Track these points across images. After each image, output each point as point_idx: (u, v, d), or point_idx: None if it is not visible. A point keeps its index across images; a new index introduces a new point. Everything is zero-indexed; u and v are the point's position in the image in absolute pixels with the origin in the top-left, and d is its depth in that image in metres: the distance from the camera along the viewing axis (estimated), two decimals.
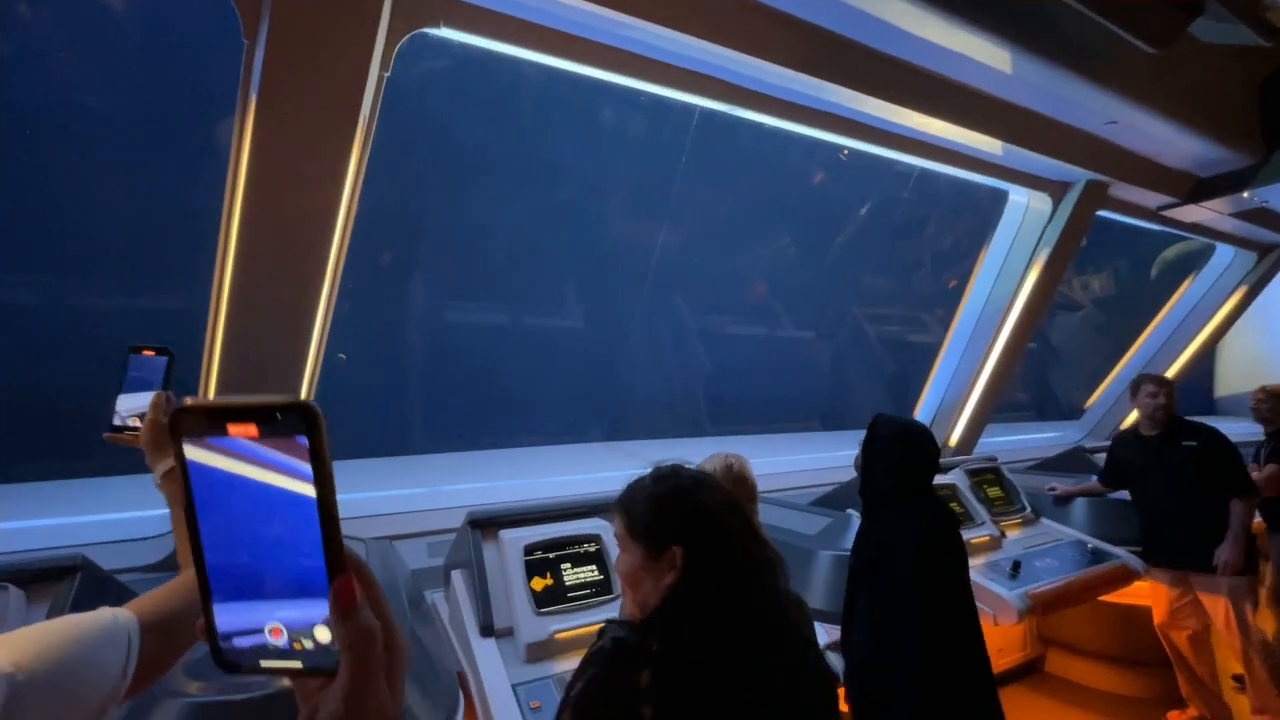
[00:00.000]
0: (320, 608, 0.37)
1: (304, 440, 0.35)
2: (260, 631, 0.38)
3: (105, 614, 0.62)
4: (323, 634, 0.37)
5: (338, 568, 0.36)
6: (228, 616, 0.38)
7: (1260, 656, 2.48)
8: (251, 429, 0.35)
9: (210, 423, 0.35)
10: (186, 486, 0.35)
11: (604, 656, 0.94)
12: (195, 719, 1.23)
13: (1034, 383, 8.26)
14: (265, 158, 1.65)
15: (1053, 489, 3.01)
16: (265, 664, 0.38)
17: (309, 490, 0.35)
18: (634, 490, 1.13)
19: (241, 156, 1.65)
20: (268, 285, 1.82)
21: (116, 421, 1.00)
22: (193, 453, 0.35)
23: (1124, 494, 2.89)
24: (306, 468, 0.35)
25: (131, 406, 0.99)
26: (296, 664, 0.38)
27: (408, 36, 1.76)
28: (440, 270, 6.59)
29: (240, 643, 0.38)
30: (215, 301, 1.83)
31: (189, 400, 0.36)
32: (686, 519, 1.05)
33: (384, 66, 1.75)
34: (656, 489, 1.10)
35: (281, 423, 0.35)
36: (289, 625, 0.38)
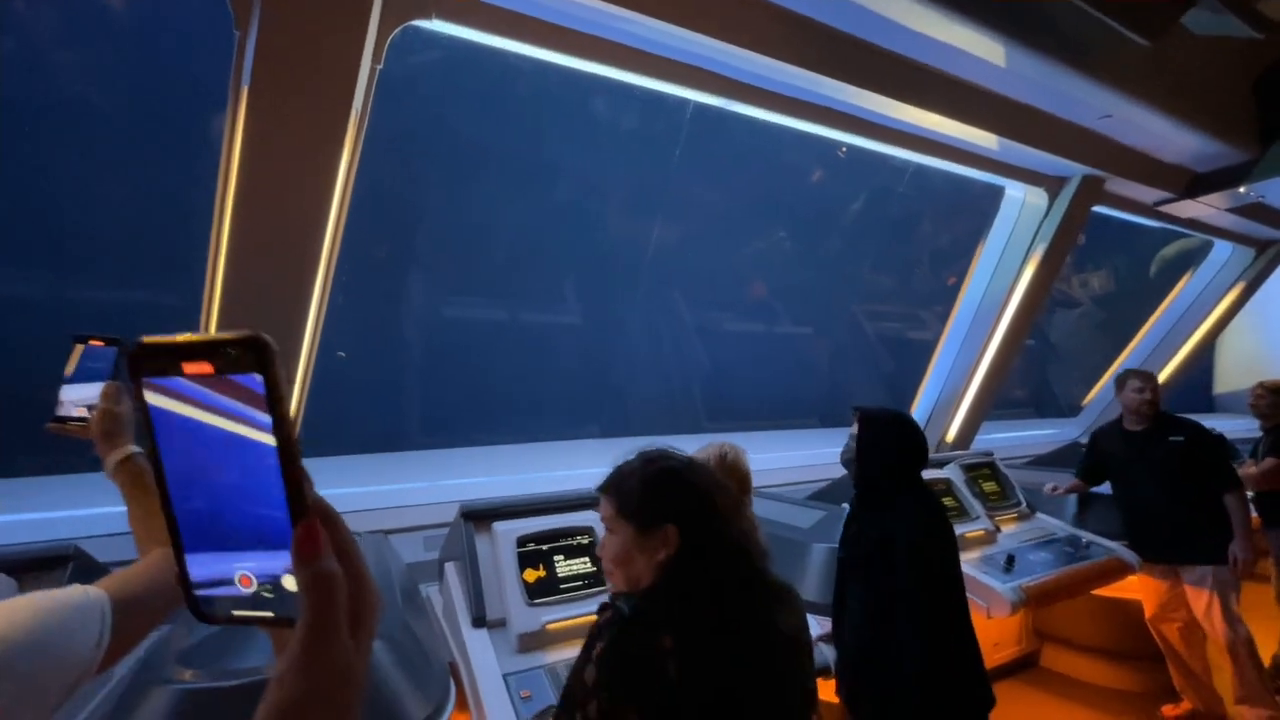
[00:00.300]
0: (288, 556, 0.36)
1: (259, 379, 0.34)
2: (230, 581, 0.37)
3: (76, 590, 0.63)
4: (290, 582, 0.36)
5: (300, 512, 0.35)
6: (199, 567, 0.37)
7: (1245, 649, 2.50)
8: (206, 366, 0.34)
9: (167, 361, 0.34)
10: (149, 429, 0.35)
11: (621, 621, 0.96)
12: (187, 705, 1.23)
13: (1032, 380, 8.26)
14: (257, 150, 1.65)
15: (1055, 489, 3.01)
16: (237, 613, 0.38)
17: (269, 436, 0.34)
18: (623, 472, 1.14)
19: (233, 149, 1.65)
20: (260, 279, 1.82)
21: (60, 412, 0.96)
22: (151, 397, 0.35)
23: (1104, 488, 2.89)
24: (265, 414, 0.34)
25: (78, 397, 0.96)
26: (267, 613, 0.37)
27: (399, 29, 1.76)
28: (437, 266, 6.60)
29: (212, 592, 0.38)
30: (208, 295, 1.84)
31: (146, 338, 0.34)
32: (678, 498, 1.07)
33: (376, 59, 1.75)
34: (647, 470, 1.11)
35: (235, 360, 0.33)
36: (258, 574, 0.37)
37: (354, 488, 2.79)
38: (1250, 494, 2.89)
